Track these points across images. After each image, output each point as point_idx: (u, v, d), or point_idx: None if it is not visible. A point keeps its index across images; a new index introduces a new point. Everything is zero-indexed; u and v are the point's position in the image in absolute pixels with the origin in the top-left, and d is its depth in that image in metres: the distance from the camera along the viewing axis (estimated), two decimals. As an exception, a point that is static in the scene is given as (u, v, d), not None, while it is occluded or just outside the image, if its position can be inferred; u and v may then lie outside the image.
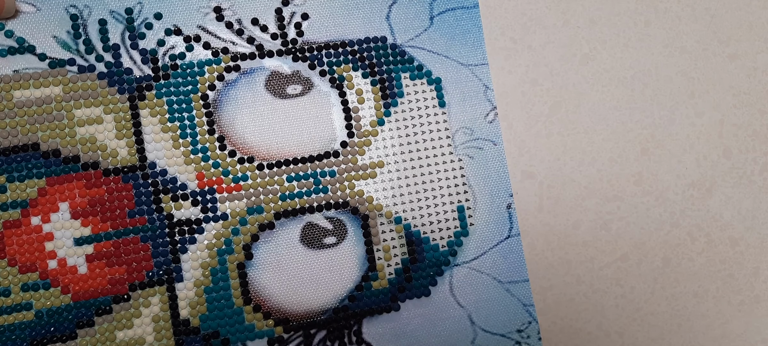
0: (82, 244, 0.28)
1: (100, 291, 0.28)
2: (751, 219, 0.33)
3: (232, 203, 0.29)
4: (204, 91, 0.29)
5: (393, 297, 0.30)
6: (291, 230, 0.29)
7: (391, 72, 0.31)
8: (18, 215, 0.27)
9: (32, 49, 0.28)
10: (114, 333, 0.28)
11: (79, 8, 0.29)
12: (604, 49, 0.33)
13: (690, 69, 0.34)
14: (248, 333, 0.29)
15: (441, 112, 0.31)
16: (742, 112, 0.34)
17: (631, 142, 0.33)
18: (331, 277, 0.30)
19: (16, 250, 0.27)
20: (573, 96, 0.33)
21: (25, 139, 0.28)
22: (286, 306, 0.29)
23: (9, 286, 0.27)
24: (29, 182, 0.28)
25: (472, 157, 0.31)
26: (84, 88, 0.28)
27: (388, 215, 0.30)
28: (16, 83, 0.28)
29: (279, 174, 0.30)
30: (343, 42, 0.31)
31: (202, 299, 0.29)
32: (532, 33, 0.33)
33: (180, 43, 0.29)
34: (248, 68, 0.30)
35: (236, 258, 0.29)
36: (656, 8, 0.34)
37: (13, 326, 0.27)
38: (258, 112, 0.30)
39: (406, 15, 0.31)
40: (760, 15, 0.34)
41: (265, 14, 0.30)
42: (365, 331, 0.30)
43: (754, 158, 0.34)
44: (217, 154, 0.29)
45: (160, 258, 0.28)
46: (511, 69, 0.32)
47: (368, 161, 0.30)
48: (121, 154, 0.28)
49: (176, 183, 0.29)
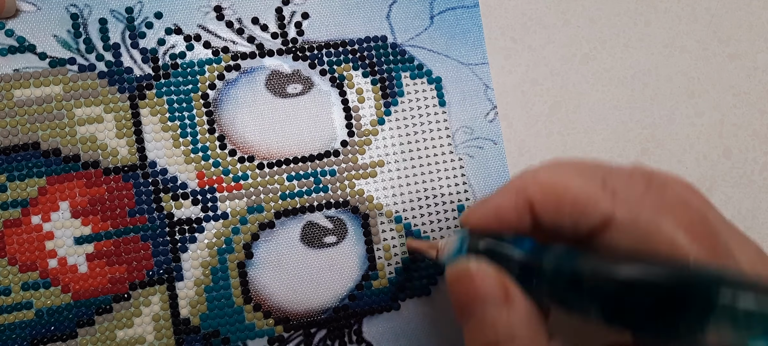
0: (83, 243, 0.28)
1: (101, 290, 0.28)
2: (751, 219, 0.33)
3: (232, 202, 0.29)
4: (204, 91, 0.29)
5: (393, 296, 0.30)
6: (291, 229, 0.29)
7: (391, 71, 0.31)
8: (18, 214, 0.27)
9: (32, 48, 0.28)
10: (114, 332, 0.28)
11: (79, 7, 0.29)
12: (604, 49, 0.33)
13: (690, 69, 0.34)
14: (248, 332, 0.29)
15: (441, 112, 0.31)
16: (742, 112, 0.34)
17: (631, 142, 0.33)
18: (331, 276, 0.30)
19: (16, 249, 0.27)
20: (573, 96, 0.33)
21: (25, 138, 0.28)
22: (286, 305, 0.29)
23: (9, 285, 0.27)
24: (29, 181, 0.28)
25: (473, 156, 0.31)
26: (84, 87, 0.28)
27: (389, 214, 0.30)
28: (17, 82, 0.28)
29: (279, 173, 0.30)
30: (343, 41, 0.31)
31: (203, 298, 0.29)
32: (532, 33, 0.33)
33: (180, 43, 0.29)
34: (248, 67, 0.30)
35: (236, 257, 0.29)
36: (656, 8, 0.34)
37: (14, 325, 0.27)
38: (258, 112, 0.30)
39: (407, 14, 0.31)
40: (760, 15, 0.34)
41: (265, 13, 0.30)
42: (365, 330, 0.30)
43: (754, 158, 0.34)
44: (217, 153, 0.29)
45: (160, 257, 0.28)
46: (511, 68, 0.32)
47: (368, 160, 0.30)
48: (121, 153, 0.28)
49: (176, 182, 0.29)
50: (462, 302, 0.21)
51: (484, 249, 0.22)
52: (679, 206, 0.20)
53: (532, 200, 0.22)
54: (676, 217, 0.20)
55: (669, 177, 0.22)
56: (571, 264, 0.20)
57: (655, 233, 0.19)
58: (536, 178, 0.22)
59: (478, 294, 0.21)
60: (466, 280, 0.21)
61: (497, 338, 0.20)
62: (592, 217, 0.20)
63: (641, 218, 0.20)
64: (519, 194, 0.22)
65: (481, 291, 0.21)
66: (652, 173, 0.21)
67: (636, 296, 0.18)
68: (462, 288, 0.21)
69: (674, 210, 0.20)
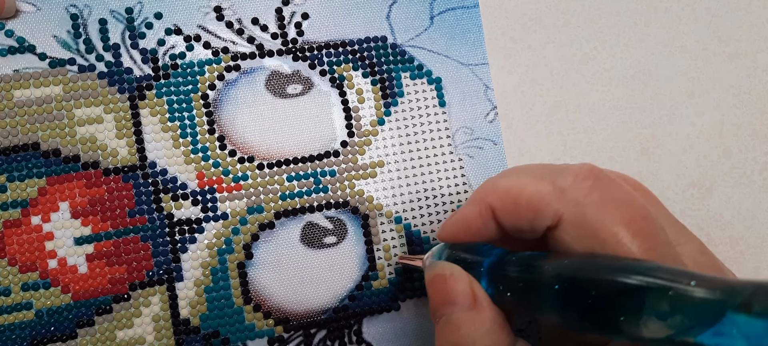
0: (83, 243, 0.28)
1: (101, 291, 0.28)
2: (751, 219, 0.33)
3: (232, 202, 0.29)
4: (204, 91, 0.29)
5: (393, 297, 0.30)
6: (291, 229, 0.29)
7: (391, 72, 0.31)
8: (18, 215, 0.27)
9: (32, 48, 0.28)
10: (114, 333, 0.28)
11: (79, 8, 0.29)
12: (604, 49, 0.33)
13: (690, 69, 0.34)
14: (248, 333, 0.29)
15: (441, 112, 0.31)
16: (742, 112, 0.34)
17: (631, 142, 0.33)
18: (331, 276, 0.30)
19: (16, 249, 0.27)
20: (573, 96, 0.33)
21: (25, 138, 0.28)
22: (286, 306, 0.29)
23: (9, 285, 0.27)
24: (29, 181, 0.28)
25: (473, 156, 0.31)
26: (84, 88, 0.28)
27: (389, 215, 0.30)
28: (17, 83, 0.28)
29: (279, 174, 0.30)
30: (343, 42, 0.31)
31: (203, 298, 0.29)
32: (532, 33, 0.33)
33: (180, 43, 0.29)
34: (248, 68, 0.30)
35: (236, 258, 0.29)
36: (656, 8, 0.34)
37: (14, 326, 0.27)
38: (258, 112, 0.30)
39: (407, 15, 0.31)
40: (760, 15, 0.34)
41: (265, 14, 0.30)
42: (365, 330, 0.30)
43: (754, 158, 0.34)
44: (217, 153, 0.29)
45: (160, 258, 0.28)
46: (511, 69, 0.32)
47: (368, 161, 0.30)
48: (121, 153, 0.28)
49: (176, 183, 0.29)
50: (435, 302, 0.23)
51: (459, 259, 0.24)
52: (621, 204, 0.20)
53: (493, 207, 0.23)
54: (618, 214, 0.20)
55: (615, 176, 0.23)
56: (520, 268, 0.21)
57: (600, 230, 0.20)
58: (495, 185, 0.23)
59: (449, 297, 0.22)
60: (440, 282, 0.23)
61: (459, 341, 0.22)
62: (545, 217, 0.21)
63: (587, 216, 0.20)
64: (481, 203, 0.23)
65: (452, 295, 0.22)
66: (599, 172, 0.22)
67: (575, 297, 0.19)
68: (435, 290, 0.23)
69: (617, 207, 0.20)
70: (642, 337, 0.17)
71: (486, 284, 0.22)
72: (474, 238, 0.24)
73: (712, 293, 0.16)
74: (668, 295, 0.16)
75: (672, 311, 0.16)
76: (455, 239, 0.24)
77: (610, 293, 0.18)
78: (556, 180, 0.22)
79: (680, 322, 0.16)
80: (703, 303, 0.16)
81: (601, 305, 0.18)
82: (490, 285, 0.22)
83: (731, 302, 0.15)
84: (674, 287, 0.16)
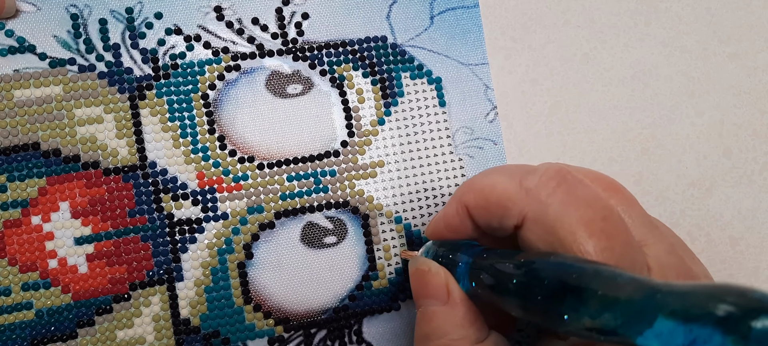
0: (83, 243, 0.28)
1: (101, 290, 0.28)
2: (751, 219, 0.33)
3: (232, 202, 0.29)
4: (204, 91, 0.29)
5: (393, 297, 0.30)
6: (291, 229, 0.29)
7: (391, 72, 0.31)
8: (18, 215, 0.27)
9: (32, 48, 0.28)
10: (114, 332, 0.28)
11: (79, 8, 0.29)
12: (604, 49, 0.33)
13: (690, 69, 0.34)
14: (248, 332, 0.29)
15: (441, 112, 0.31)
16: (742, 112, 0.34)
17: (631, 141, 0.33)
18: (331, 276, 0.30)
19: (16, 249, 0.27)
20: (573, 96, 0.33)
21: (25, 138, 0.28)
22: (286, 305, 0.29)
23: (9, 285, 0.27)
24: (29, 181, 0.28)
25: (473, 156, 0.31)
26: (84, 88, 0.28)
27: (389, 215, 0.30)
28: (17, 83, 0.28)
29: (279, 173, 0.30)
30: (343, 42, 0.31)
31: (203, 298, 0.29)
32: (532, 33, 0.33)
33: (180, 43, 0.29)
34: (248, 68, 0.30)
35: (236, 258, 0.29)
36: (656, 8, 0.34)
37: (14, 326, 0.27)
38: (258, 112, 0.30)
39: (407, 15, 0.31)
40: (761, 15, 0.34)
41: (265, 14, 0.30)
42: (365, 330, 0.30)
43: (754, 158, 0.34)
44: (217, 153, 0.29)
45: (160, 257, 0.28)
46: (511, 69, 0.32)
47: (368, 161, 0.30)
48: (121, 153, 0.28)
49: (176, 182, 0.29)
50: (415, 294, 0.24)
51: (444, 255, 0.25)
52: (583, 204, 0.21)
53: (468, 205, 0.24)
54: (577, 214, 0.21)
55: (585, 175, 0.23)
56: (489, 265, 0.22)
57: (559, 229, 0.21)
58: (471, 184, 0.24)
59: (426, 290, 0.24)
60: (420, 276, 0.24)
61: (430, 332, 0.23)
62: (511, 216, 0.22)
63: (548, 215, 0.21)
64: (459, 202, 0.24)
65: (429, 288, 0.23)
66: (567, 172, 0.22)
67: (528, 294, 0.19)
68: (415, 282, 0.24)
69: (578, 208, 0.21)
70: (589, 334, 0.18)
71: (465, 280, 0.23)
72: (455, 235, 0.25)
73: (637, 294, 0.16)
74: (598, 295, 0.17)
75: (602, 310, 0.17)
76: (439, 236, 0.25)
77: (554, 292, 0.18)
78: (524, 180, 0.22)
79: (612, 321, 0.17)
80: (629, 304, 0.16)
81: (547, 303, 0.19)
82: (469, 281, 0.23)
83: (654, 304, 0.16)
84: (603, 288, 0.17)
